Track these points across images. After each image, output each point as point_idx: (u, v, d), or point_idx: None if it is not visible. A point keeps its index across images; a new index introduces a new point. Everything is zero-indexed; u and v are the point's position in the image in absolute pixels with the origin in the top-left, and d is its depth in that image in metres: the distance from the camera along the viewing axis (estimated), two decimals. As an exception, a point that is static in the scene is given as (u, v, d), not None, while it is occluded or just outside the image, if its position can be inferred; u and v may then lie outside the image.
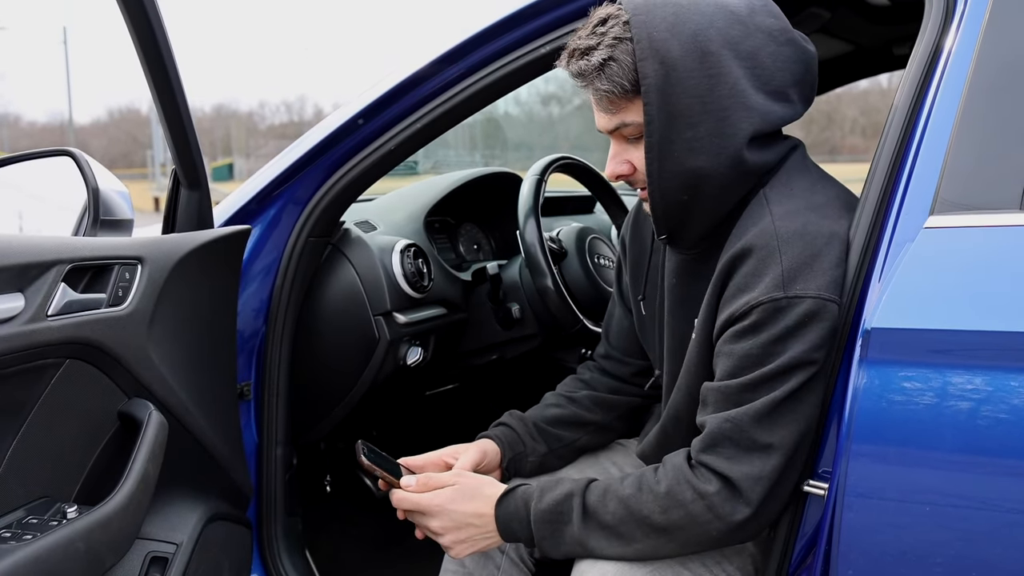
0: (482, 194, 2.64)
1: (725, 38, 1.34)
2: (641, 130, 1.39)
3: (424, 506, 1.47)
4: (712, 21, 1.34)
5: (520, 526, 1.43)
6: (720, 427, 1.31)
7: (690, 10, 1.35)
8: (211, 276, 1.61)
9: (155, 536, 1.53)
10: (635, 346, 1.78)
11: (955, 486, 1.19)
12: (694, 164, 1.36)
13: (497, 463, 1.69)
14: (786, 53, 1.38)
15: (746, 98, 1.35)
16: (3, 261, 1.16)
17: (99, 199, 1.55)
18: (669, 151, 1.37)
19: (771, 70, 1.37)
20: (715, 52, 1.33)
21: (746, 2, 1.39)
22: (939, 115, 1.30)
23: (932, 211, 1.25)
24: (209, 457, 1.63)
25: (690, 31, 1.33)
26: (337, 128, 1.86)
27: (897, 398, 1.19)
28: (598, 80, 1.38)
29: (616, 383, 1.81)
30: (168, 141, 1.59)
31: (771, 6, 1.41)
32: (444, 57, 1.79)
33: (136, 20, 1.42)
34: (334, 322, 2.03)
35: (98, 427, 1.40)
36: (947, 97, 1.30)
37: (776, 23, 1.39)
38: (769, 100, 1.37)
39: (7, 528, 1.21)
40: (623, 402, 1.80)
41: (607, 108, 1.41)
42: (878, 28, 2.15)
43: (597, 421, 1.78)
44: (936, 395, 1.17)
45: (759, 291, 1.30)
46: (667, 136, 1.36)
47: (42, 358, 1.24)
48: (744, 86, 1.35)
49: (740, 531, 1.32)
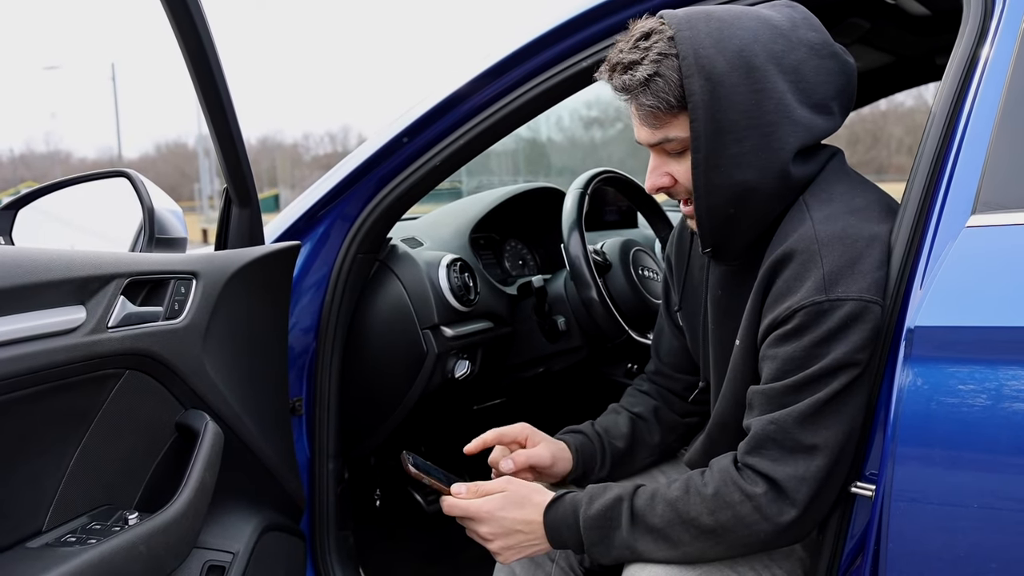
0: (526, 210, 2.67)
1: (769, 53, 1.35)
2: (684, 144, 1.40)
3: (473, 512, 1.49)
4: (756, 36, 1.35)
5: (569, 532, 1.44)
6: (764, 429, 1.32)
7: (734, 25, 1.36)
8: (262, 291, 1.65)
9: (212, 545, 1.56)
10: (685, 362, 1.78)
11: (1003, 487, 1.18)
12: (741, 178, 1.37)
13: (563, 472, 1.70)
14: (828, 66, 1.39)
15: (791, 112, 1.36)
16: (66, 274, 1.20)
17: (154, 218, 1.60)
18: (716, 166, 1.37)
19: (814, 83, 1.38)
20: (760, 67, 1.34)
21: (787, 16, 1.40)
22: (979, 116, 1.30)
23: (974, 211, 1.26)
24: (263, 468, 1.66)
25: (735, 46, 1.34)
26: (382, 146, 1.89)
27: (941, 397, 1.19)
28: (643, 95, 1.38)
29: (673, 398, 1.82)
30: (220, 161, 1.64)
31: (812, 20, 1.42)
32: (485, 74, 1.82)
33: (189, 42, 1.47)
34: (383, 336, 2.06)
35: (157, 437, 1.44)
36: (987, 97, 1.31)
37: (818, 36, 1.40)
38: (813, 113, 1.38)
39: (72, 533, 1.25)
40: (682, 424, 1.81)
41: (651, 123, 1.41)
42: (919, 38, 2.15)
43: (660, 444, 1.79)
44: (980, 392, 1.17)
45: (801, 295, 1.31)
46: (714, 151, 1.36)
47: (103, 368, 1.28)
48: (789, 100, 1.36)
49: (788, 532, 1.33)
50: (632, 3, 1.68)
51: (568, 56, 1.78)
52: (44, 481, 1.24)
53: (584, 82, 1.79)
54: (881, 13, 1.94)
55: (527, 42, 1.79)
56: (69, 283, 1.21)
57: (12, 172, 67.41)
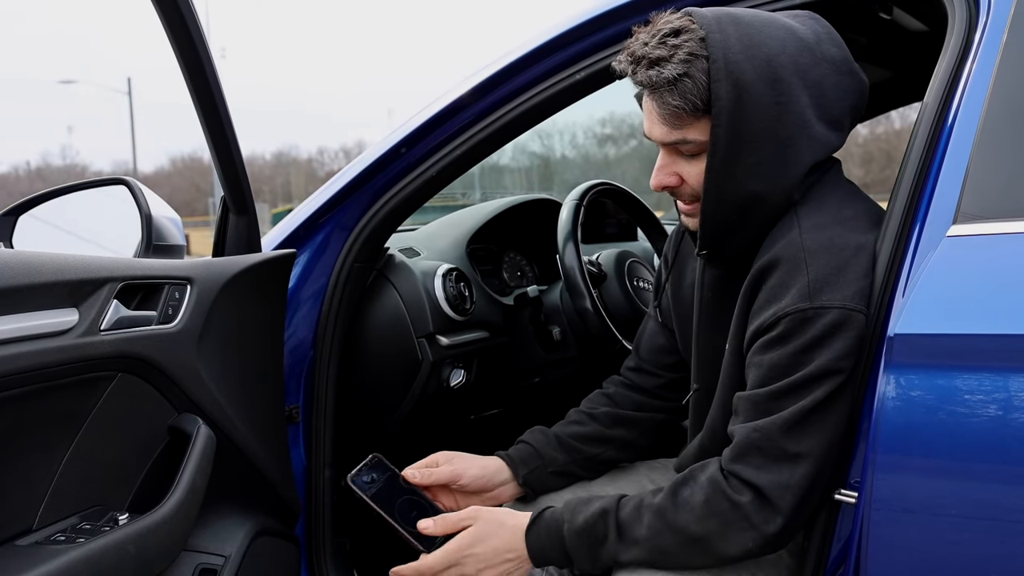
0: (524, 222, 2.69)
1: (796, 66, 1.35)
2: (700, 148, 1.40)
3: (451, 560, 1.48)
4: (784, 47, 1.35)
5: (554, 549, 1.44)
6: (749, 437, 1.33)
7: (763, 33, 1.35)
8: (258, 298, 1.66)
9: (204, 548, 1.57)
10: (666, 359, 1.80)
11: (982, 494, 1.19)
12: (753, 188, 1.38)
13: (500, 481, 1.71)
14: (846, 83, 1.40)
15: (810, 128, 1.36)
16: (59, 277, 1.22)
17: (152, 225, 1.62)
18: (731, 174, 1.37)
19: (832, 100, 1.38)
20: (786, 79, 1.34)
21: (813, 29, 1.40)
22: (961, 127, 1.32)
23: (955, 220, 1.27)
24: (256, 472, 1.67)
25: (764, 56, 1.34)
26: (380, 156, 1.91)
27: (920, 404, 1.20)
28: (669, 95, 1.36)
29: (641, 398, 1.81)
30: (216, 169, 1.66)
31: (835, 35, 1.42)
32: (482, 85, 1.84)
33: (184, 50, 1.49)
34: (379, 345, 2.08)
35: (149, 441, 1.46)
36: (969, 110, 1.32)
37: (839, 53, 1.40)
38: (828, 129, 1.39)
39: (62, 532, 1.27)
40: (645, 419, 1.80)
41: (672, 123, 1.39)
42: (918, 53, 2.16)
43: (619, 438, 1.79)
44: (959, 400, 1.18)
45: (786, 302, 1.32)
46: (730, 159, 1.36)
47: (95, 371, 1.30)
48: (809, 115, 1.36)
49: (776, 540, 1.33)
50: (632, 13, 1.70)
51: (563, 68, 1.80)
52: (35, 480, 1.26)
53: (579, 95, 1.82)
54: (878, 29, 1.95)
55: (523, 54, 1.81)
56: (62, 286, 1.23)
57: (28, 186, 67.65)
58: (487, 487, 1.70)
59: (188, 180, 65.43)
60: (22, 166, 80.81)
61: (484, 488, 1.70)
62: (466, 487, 1.68)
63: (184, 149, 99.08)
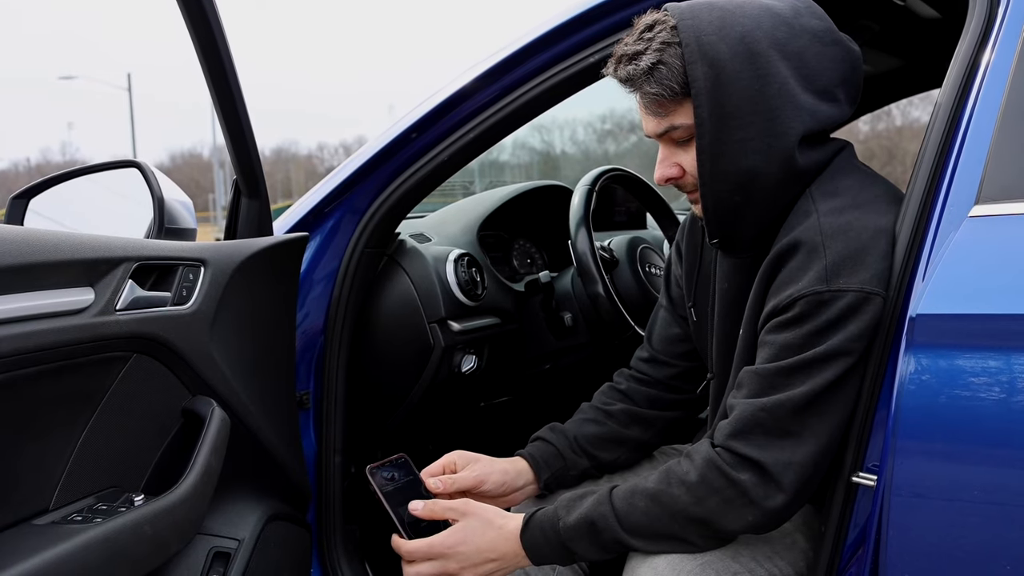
0: (535, 208, 2.68)
1: (772, 39, 1.36)
2: (691, 132, 1.41)
3: (435, 553, 1.45)
4: (759, 23, 1.37)
5: (551, 548, 1.43)
6: (754, 415, 1.32)
7: (736, 13, 1.37)
8: (270, 281, 1.66)
9: (218, 532, 1.57)
10: (679, 348, 1.78)
11: (1003, 478, 1.18)
12: (746, 165, 1.38)
13: (522, 484, 1.69)
14: (832, 53, 1.40)
15: (795, 97, 1.37)
16: (75, 255, 1.21)
17: (164, 208, 1.61)
18: (721, 153, 1.38)
19: (817, 70, 1.39)
20: (763, 53, 1.35)
21: (790, 5, 1.41)
22: (983, 107, 1.31)
23: (977, 200, 1.26)
24: (269, 457, 1.67)
25: (738, 33, 1.35)
26: (391, 142, 1.91)
27: (941, 385, 1.19)
28: (647, 84, 1.40)
29: (655, 392, 1.79)
30: (230, 152, 1.65)
31: (815, 8, 1.43)
32: (492, 70, 1.83)
33: (200, 30, 1.48)
34: (390, 330, 2.07)
35: (164, 423, 1.45)
36: (991, 88, 1.31)
37: (821, 24, 1.41)
38: (816, 99, 1.39)
39: (78, 512, 1.26)
40: (660, 418, 1.78)
41: (656, 112, 1.43)
42: (931, 41, 2.15)
43: (634, 438, 1.77)
44: (980, 381, 1.17)
45: (803, 284, 1.32)
46: (718, 138, 1.37)
47: (110, 351, 1.29)
48: (792, 86, 1.37)
49: (777, 517, 1.33)
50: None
51: (574, 53, 1.79)
52: (51, 461, 1.25)
53: (590, 79, 1.80)
54: (891, 15, 1.95)
55: (532, 39, 1.80)
56: (78, 264, 1.22)
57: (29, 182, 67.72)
58: (508, 491, 1.68)
59: (188, 176, 65.47)
60: (22, 162, 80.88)
61: (505, 493, 1.68)
62: (488, 492, 1.65)
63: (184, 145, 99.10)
